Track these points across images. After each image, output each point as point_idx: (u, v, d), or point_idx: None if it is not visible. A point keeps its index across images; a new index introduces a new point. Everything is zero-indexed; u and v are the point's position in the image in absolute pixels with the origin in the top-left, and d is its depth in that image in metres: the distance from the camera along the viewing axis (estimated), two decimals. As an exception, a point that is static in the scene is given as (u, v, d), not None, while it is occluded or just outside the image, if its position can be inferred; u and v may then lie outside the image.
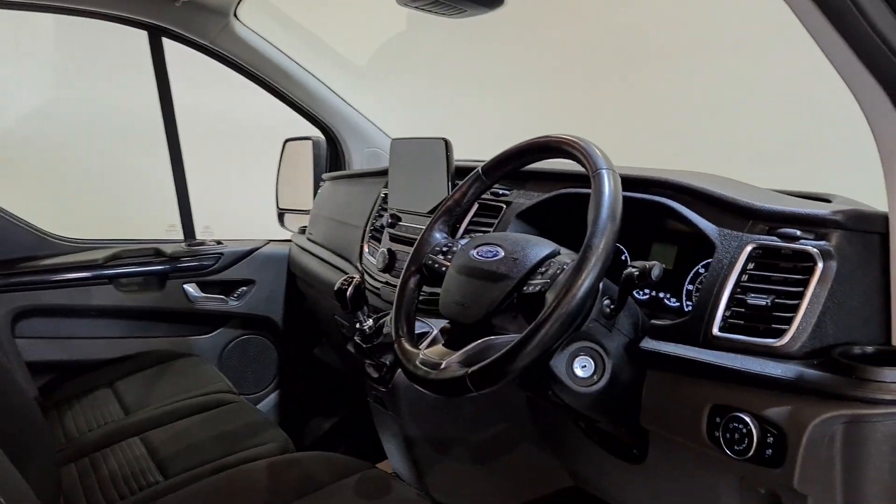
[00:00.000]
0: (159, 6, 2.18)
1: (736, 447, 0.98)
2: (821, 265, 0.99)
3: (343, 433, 2.43)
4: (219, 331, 2.39)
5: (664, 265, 1.03)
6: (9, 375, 1.40)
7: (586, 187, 1.34)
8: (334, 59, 2.81)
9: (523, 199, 1.44)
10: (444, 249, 1.24)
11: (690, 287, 1.24)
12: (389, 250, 1.68)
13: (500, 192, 1.48)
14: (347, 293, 1.40)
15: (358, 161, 2.46)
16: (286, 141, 2.58)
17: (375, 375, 1.49)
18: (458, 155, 1.56)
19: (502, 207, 1.46)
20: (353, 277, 1.42)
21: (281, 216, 2.64)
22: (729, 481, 1.09)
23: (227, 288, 2.40)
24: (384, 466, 2.36)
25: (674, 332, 1.09)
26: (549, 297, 1.00)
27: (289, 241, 2.50)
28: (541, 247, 1.10)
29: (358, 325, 1.44)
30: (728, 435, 0.99)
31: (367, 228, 1.87)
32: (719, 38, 2.16)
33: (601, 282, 1.01)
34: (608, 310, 1.08)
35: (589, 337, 1.07)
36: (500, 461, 1.53)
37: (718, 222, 1.11)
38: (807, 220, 1.03)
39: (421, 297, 1.27)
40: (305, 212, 2.50)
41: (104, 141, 3.28)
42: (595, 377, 1.10)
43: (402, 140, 1.68)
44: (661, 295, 1.29)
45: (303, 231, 2.43)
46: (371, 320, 1.45)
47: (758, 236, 1.05)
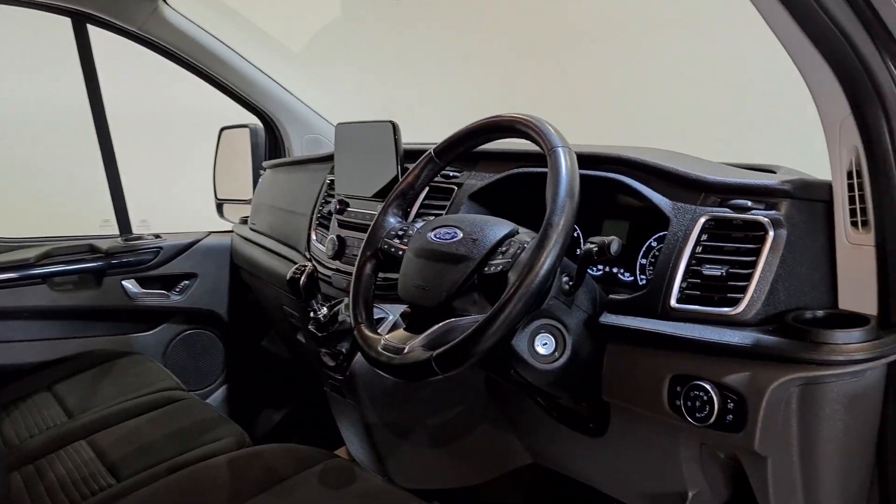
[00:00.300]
0: (83, -9, 2.09)
1: (697, 414, 1.00)
2: (772, 234, 1.01)
3: (295, 424, 2.40)
4: (161, 327, 2.33)
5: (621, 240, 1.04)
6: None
7: (538, 166, 1.36)
8: (271, 45, 2.75)
9: (475, 180, 1.43)
10: (400, 233, 1.23)
11: (644, 261, 1.26)
12: (339, 237, 1.65)
13: (451, 174, 1.48)
14: (300, 282, 1.38)
15: (298, 148, 2.42)
16: (222, 129, 2.52)
17: (332, 364, 1.48)
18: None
19: (454, 189, 1.46)
20: (305, 266, 1.40)
21: (220, 207, 2.58)
22: (689, 448, 1.12)
23: (169, 282, 2.33)
24: (341, 454, 2.35)
25: (632, 305, 1.11)
26: (512, 276, 1.01)
27: (230, 231, 2.44)
28: (499, 227, 1.10)
29: (312, 314, 1.43)
30: (689, 403, 1.01)
31: (314, 216, 1.84)
32: (657, 15, 2.20)
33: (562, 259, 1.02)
34: (567, 287, 1.09)
35: (549, 314, 1.08)
36: (460, 443, 1.53)
37: (671, 196, 1.13)
38: (757, 190, 1.05)
39: (377, 283, 1.26)
40: (246, 202, 2.44)
41: (32, 135, 3.14)
42: (556, 354, 1.11)
43: (348, 125, 1.65)
44: (615, 270, 1.31)
45: (245, 221, 2.37)
46: (325, 308, 1.43)
47: (710, 208, 1.08)
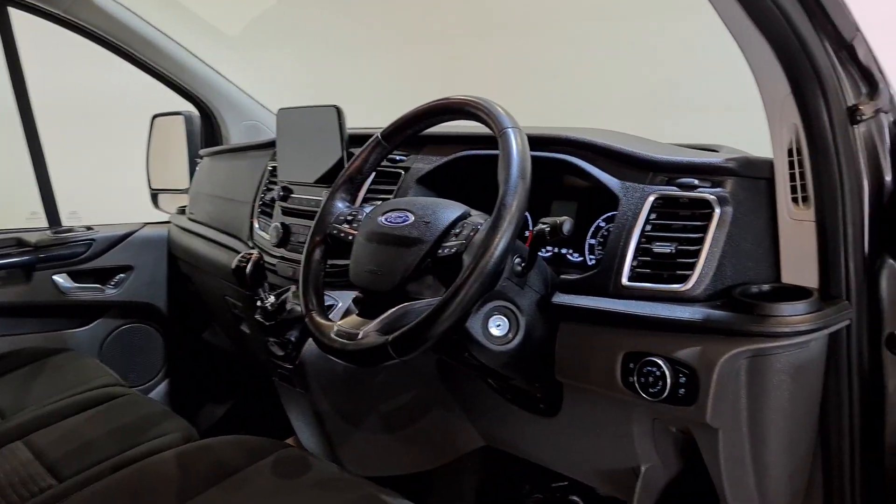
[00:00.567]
0: (1, -27, 1.99)
1: (650, 390, 1.02)
2: (718, 211, 1.04)
3: (241, 416, 2.35)
4: (97, 322, 2.25)
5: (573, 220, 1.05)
6: None
7: (485, 149, 1.36)
8: (204, 30, 2.67)
9: (422, 164, 1.42)
10: (349, 218, 1.22)
11: (592, 241, 1.27)
12: (283, 224, 1.62)
13: (398, 158, 1.46)
14: (246, 270, 1.35)
15: (236, 135, 2.36)
16: (154, 117, 2.44)
17: (281, 353, 1.45)
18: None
19: (400, 174, 1.45)
20: (250, 254, 1.37)
21: (154, 197, 2.50)
22: (642, 424, 1.14)
23: (103, 276, 2.24)
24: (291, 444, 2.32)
25: (584, 285, 1.12)
26: (466, 258, 1.00)
27: (167, 222, 2.37)
28: (451, 209, 1.10)
29: (259, 303, 1.40)
30: (643, 379, 1.03)
31: (256, 203, 1.80)
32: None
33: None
34: (519, 268, 1.09)
35: (502, 296, 1.09)
36: (412, 428, 1.53)
37: (620, 176, 1.14)
38: (703, 169, 1.07)
39: (325, 270, 1.24)
40: (182, 191, 2.38)
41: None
42: (510, 335, 1.12)
43: (290, 110, 1.62)
44: (564, 251, 1.32)
45: (182, 211, 2.31)
46: (272, 297, 1.40)
47: (658, 187, 1.09)
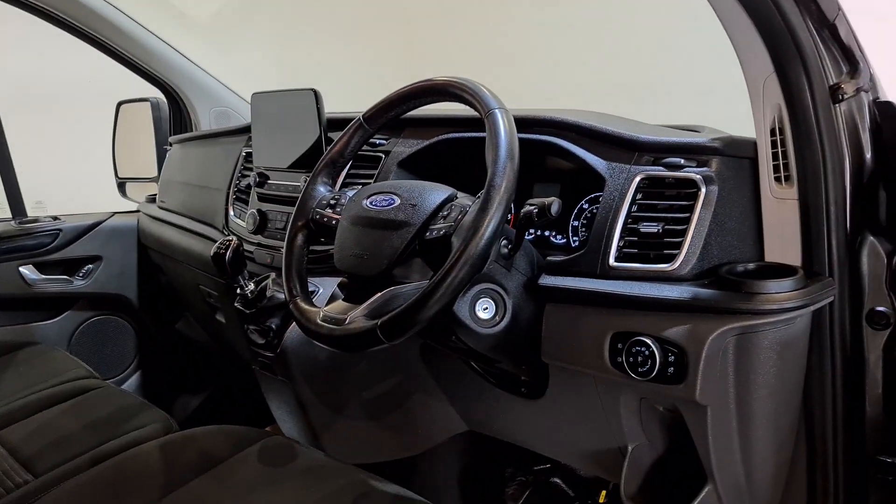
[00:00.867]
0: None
1: (640, 369, 1.02)
2: (704, 190, 1.04)
3: (216, 407, 2.32)
4: (65, 314, 2.19)
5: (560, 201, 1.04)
6: None
7: (467, 131, 1.35)
8: (172, 13, 2.61)
9: (402, 147, 1.41)
10: (332, 202, 1.20)
11: (576, 223, 1.27)
12: (259, 211, 1.60)
13: (378, 141, 1.45)
14: (226, 257, 1.33)
15: (206, 122, 2.31)
16: (120, 104, 2.38)
17: (261, 341, 1.43)
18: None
19: (381, 157, 1.43)
20: (228, 240, 1.35)
21: (121, 186, 2.44)
22: (630, 404, 1.15)
23: (71, 267, 2.19)
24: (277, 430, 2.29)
25: (570, 266, 1.12)
26: (455, 241, 0.99)
27: (136, 211, 2.33)
28: (438, 191, 1.09)
29: (239, 291, 1.38)
30: (631, 359, 1.03)
31: (231, 190, 1.77)
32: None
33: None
34: (506, 251, 1.09)
35: (489, 279, 1.08)
36: (395, 415, 1.52)
37: (606, 156, 1.14)
38: (688, 148, 1.08)
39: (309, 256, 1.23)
40: (150, 179, 2.33)
41: None
42: (497, 318, 1.11)
43: (265, 94, 1.59)
44: (547, 233, 1.32)
45: (151, 200, 2.26)
46: (252, 284, 1.38)
47: (644, 167, 1.10)
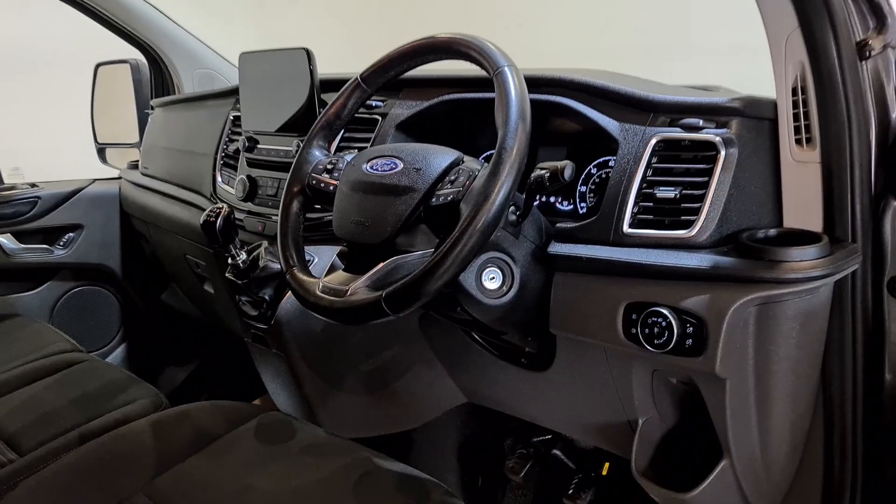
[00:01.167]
0: None
1: (656, 341, 0.98)
2: (723, 153, 0.99)
3: (204, 380, 2.27)
4: (46, 285, 2.12)
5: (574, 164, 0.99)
6: None
7: (469, 91, 1.28)
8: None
9: (400, 109, 1.34)
10: (329, 167, 1.13)
11: (584, 188, 1.22)
12: (249, 177, 1.53)
13: (374, 103, 1.38)
14: (216, 226, 1.26)
15: (189, 84, 2.22)
16: (98, 66, 2.28)
17: (254, 313, 1.38)
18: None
19: (377, 120, 1.36)
20: (219, 208, 1.28)
21: (101, 152, 2.36)
22: (642, 376, 1.11)
23: (51, 236, 2.11)
24: (267, 402, 2.24)
25: (581, 233, 1.07)
26: (464, 207, 0.94)
27: (117, 178, 2.24)
28: (444, 155, 1.03)
29: (230, 260, 1.31)
30: (647, 330, 0.99)
31: (218, 156, 1.69)
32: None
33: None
34: (514, 217, 1.04)
35: (496, 247, 1.03)
36: (393, 388, 1.48)
37: (619, 118, 1.08)
38: (707, 109, 1.02)
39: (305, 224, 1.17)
40: (131, 145, 2.24)
41: None
42: (504, 288, 1.07)
43: (253, 54, 1.51)
44: (553, 199, 1.26)
45: (134, 166, 2.18)
46: (244, 253, 1.32)
47: (660, 129, 1.04)
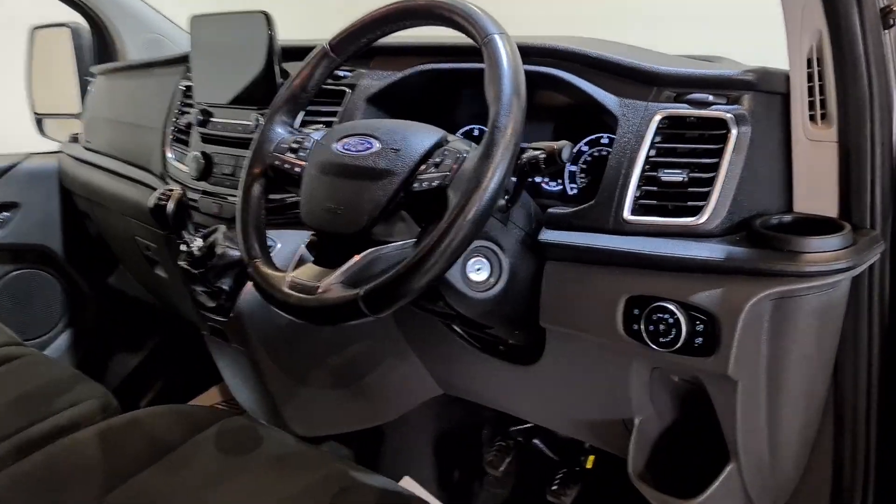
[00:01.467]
0: None
1: (661, 339, 0.89)
2: (735, 132, 0.90)
3: (154, 370, 2.12)
4: (-22, 269, 1.96)
5: (571, 144, 0.89)
6: None
7: (447, 61, 1.17)
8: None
9: (371, 80, 1.22)
10: (294, 146, 1.01)
11: (573, 168, 1.12)
12: (203, 153, 1.39)
13: (341, 73, 1.25)
14: (168, 210, 1.14)
15: (135, 50, 2.05)
16: (34, 29, 2.10)
17: (211, 304, 1.25)
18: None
19: (345, 92, 1.24)
20: (171, 190, 1.16)
21: (39, 123, 2.18)
22: (640, 374, 1.02)
23: (-18, 216, 1.94)
24: (213, 396, 2.12)
25: (576, 219, 0.97)
26: (453, 194, 0.83)
27: (57, 152, 2.07)
28: (426, 134, 0.91)
29: (184, 248, 1.19)
30: (651, 327, 0.90)
31: (168, 129, 1.55)
32: None
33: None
34: (503, 202, 0.94)
35: (483, 235, 0.93)
36: (364, 381, 1.37)
37: (618, 92, 0.98)
38: (717, 82, 0.93)
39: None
40: (72, 115, 2.07)
41: None
42: (492, 280, 0.97)
43: (206, 17, 1.37)
44: (539, 179, 1.16)
45: (76, 139, 2.01)
46: (199, 239, 1.19)
47: (665, 104, 0.94)
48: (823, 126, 0.93)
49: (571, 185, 1.13)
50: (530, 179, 1.16)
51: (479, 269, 0.96)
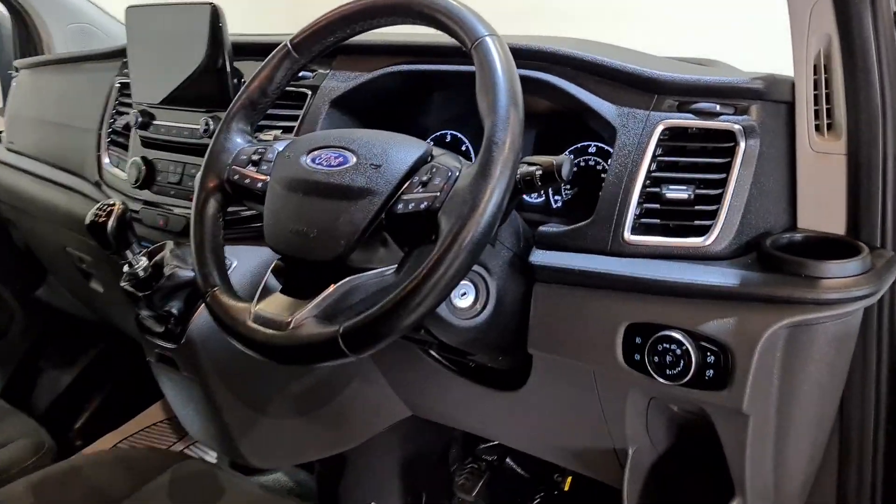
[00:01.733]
0: None
1: (668, 371, 0.82)
2: (743, 145, 0.83)
3: (89, 388, 1.95)
4: None
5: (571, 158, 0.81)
6: None
7: (421, 62, 1.07)
8: None
9: (335, 81, 1.11)
10: (254, 158, 0.90)
11: (559, 179, 1.04)
12: (145, 159, 1.27)
13: (301, 73, 1.14)
14: (108, 227, 1.01)
15: (61, 42, 1.88)
16: (-53, 18, 1.92)
17: (159, 330, 1.13)
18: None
19: (306, 95, 1.13)
20: (111, 204, 1.03)
21: (-45, 120, 1.99)
22: (637, 403, 0.95)
23: None
24: (154, 415, 1.97)
25: (572, 240, 0.89)
26: (445, 219, 0.73)
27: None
28: (408, 147, 0.81)
29: (127, 268, 1.06)
30: (657, 358, 0.82)
31: (104, 132, 1.41)
32: None
33: None
34: None
35: None
36: (329, 407, 1.26)
37: (616, 100, 0.90)
38: (724, 90, 0.85)
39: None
40: (-8, 114, 1.90)
41: None
42: (478, 305, 0.89)
43: (146, 8, 1.23)
44: (522, 192, 1.08)
45: (-4, 139, 1.84)
46: (144, 259, 1.07)
47: (667, 114, 0.87)
48: (831, 137, 0.87)
49: (556, 198, 1.05)
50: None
51: (465, 294, 0.88)
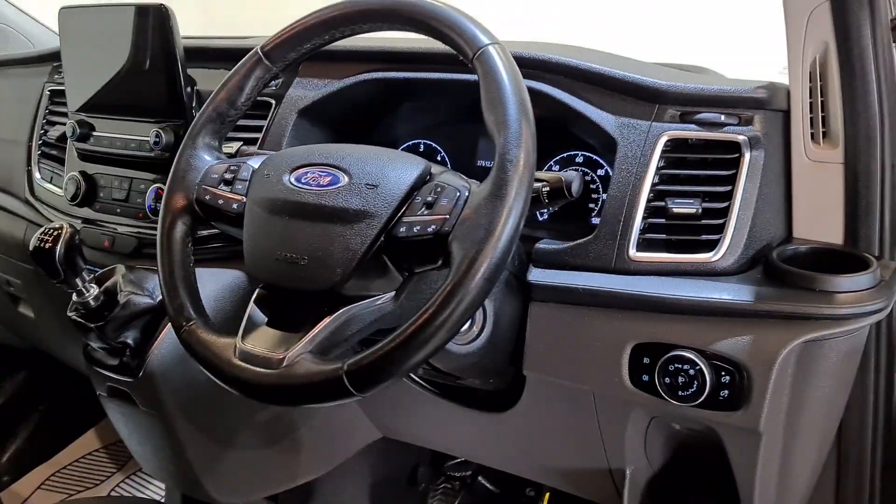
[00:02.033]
0: None
1: (681, 393, 0.79)
2: (748, 156, 0.81)
3: (17, 417, 1.79)
4: None
5: (580, 173, 0.76)
6: None
7: (397, 70, 1.01)
8: None
9: (303, 89, 1.04)
10: (227, 176, 0.82)
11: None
12: (84, 173, 1.16)
13: (262, 80, 1.06)
14: (56, 254, 0.90)
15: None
16: None
17: (112, 363, 1.03)
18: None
19: (270, 104, 1.05)
20: (57, 229, 0.92)
21: None
22: (638, 423, 0.92)
23: None
24: (87, 443, 1.83)
25: (572, 257, 0.85)
26: (458, 246, 0.67)
27: None
28: (406, 165, 0.75)
29: (76, 297, 0.96)
30: (668, 379, 0.79)
31: (34, 143, 1.28)
32: None
33: None
34: None
35: None
36: (297, 434, 1.18)
37: (615, 110, 0.86)
38: (727, 100, 0.83)
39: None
40: None
41: None
42: (475, 329, 0.85)
43: (84, 9, 1.12)
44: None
45: None
46: (94, 286, 0.97)
47: (670, 125, 0.83)
48: (827, 146, 0.86)
49: (541, 210, 1.01)
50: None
51: None
